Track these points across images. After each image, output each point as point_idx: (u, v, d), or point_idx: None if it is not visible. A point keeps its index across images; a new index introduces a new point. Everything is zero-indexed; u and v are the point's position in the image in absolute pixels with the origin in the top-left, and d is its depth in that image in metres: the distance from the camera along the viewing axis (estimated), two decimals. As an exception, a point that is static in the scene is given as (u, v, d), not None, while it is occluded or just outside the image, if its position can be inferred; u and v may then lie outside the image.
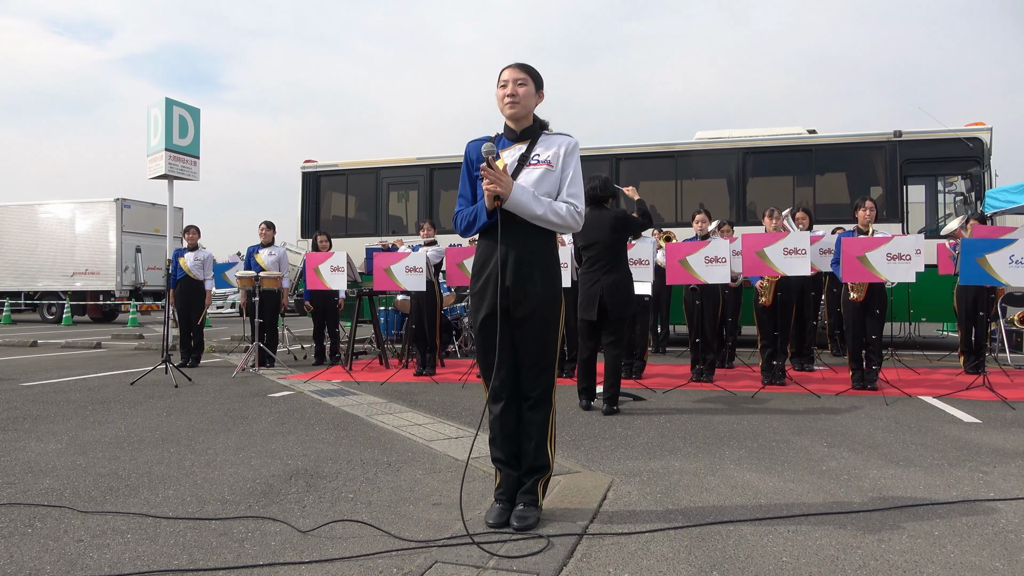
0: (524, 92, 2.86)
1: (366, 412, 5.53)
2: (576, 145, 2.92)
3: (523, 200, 2.73)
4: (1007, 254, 5.99)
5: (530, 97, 2.89)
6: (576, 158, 2.91)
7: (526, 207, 2.73)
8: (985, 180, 10.12)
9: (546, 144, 2.91)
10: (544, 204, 2.77)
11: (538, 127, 2.96)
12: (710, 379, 6.94)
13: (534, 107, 2.94)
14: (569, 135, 2.95)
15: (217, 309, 25.81)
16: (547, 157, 2.87)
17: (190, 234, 9.09)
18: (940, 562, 2.46)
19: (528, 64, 2.92)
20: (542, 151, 2.89)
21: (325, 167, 13.57)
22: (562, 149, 2.89)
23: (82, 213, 19.53)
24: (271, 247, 9.12)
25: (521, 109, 2.87)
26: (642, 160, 12.17)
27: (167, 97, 10.92)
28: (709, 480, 3.54)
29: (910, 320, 10.59)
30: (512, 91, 2.85)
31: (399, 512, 3.06)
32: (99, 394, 6.59)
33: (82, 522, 2.95)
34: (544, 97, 2.98)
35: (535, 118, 2.98)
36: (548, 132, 2.97)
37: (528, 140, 2.92)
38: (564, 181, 2.87)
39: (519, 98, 2.85)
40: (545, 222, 2.78)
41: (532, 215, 2.75)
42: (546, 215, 2.76)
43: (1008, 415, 5.25)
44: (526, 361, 2.87)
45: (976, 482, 3.47)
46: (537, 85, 2.92)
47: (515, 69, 2.89)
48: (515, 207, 2.73)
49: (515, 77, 2.87)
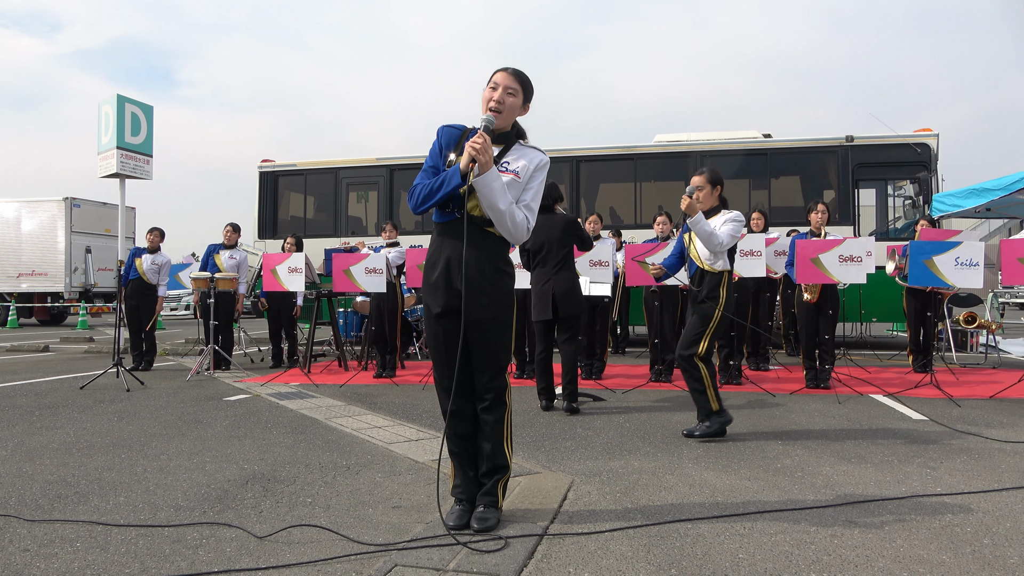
0: (511, 103, 2.80)
1: (325, 415, 5.47)
2: (546, 164, 2.88)
3: (495, 186, 2.67)
4: (953, 257, 6.18)
5: (515, 109, 2.84)
6: (543, 177, 2.87)
7: (495, 193, 2.67)
8: (932, 184, 10.44)
9: (518, 154, 2.87)
10: (509, 201, 2.72)
11: (515, 135, 2.92)
12: (669, 379, 7.02)
13: (516, 117, 2.90)
14: (542, 152, 2.91)
15: (170, 311, 25.25)
16: (516, 168, 2.83)
17: (152, 236, 8.85)
18: (890, 556, 2.53)
19: (524, 74, 2.86)
20: (512, 160, 2.85)
21: (283, 167, 13.37)
22: (532, 164, 2.85)
23: (28, 212, 18.92)
24: (233, 250, 8.95)
25: (505, 119, 2.82)
26: (602, 162, 12.27)
27: (119, 94, 10.64)
28: (668, 479, 3.58)
29: (861, 320, 10.87)
30: (500, 98, 2.78)
31: (358, 516, 3.03)
32: (47, 399, 6.39)
33: (28, 531, 2.86)
34: (529, 111, 2.93)
35: (514, 124, 2.93)
36: (523, 143, 2.93)
37: (502, 145, 2.88)
38: (525, 193, 2.83)
39: (504, 107, 2.78)
40: (500, 219, 2.72)
41: (495, 205, 2.69)
42: (506, 212, 2.71)
43: (954, 412, 5.42)
44: (479, 363, 2.85)
45: (924, 478, 3.58)
46: (526, 98, 2.87)
47: (510, 76, 2.82)
48: (485, 186, 2.66)
49: (507, 84, 2.80)
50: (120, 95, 10.68)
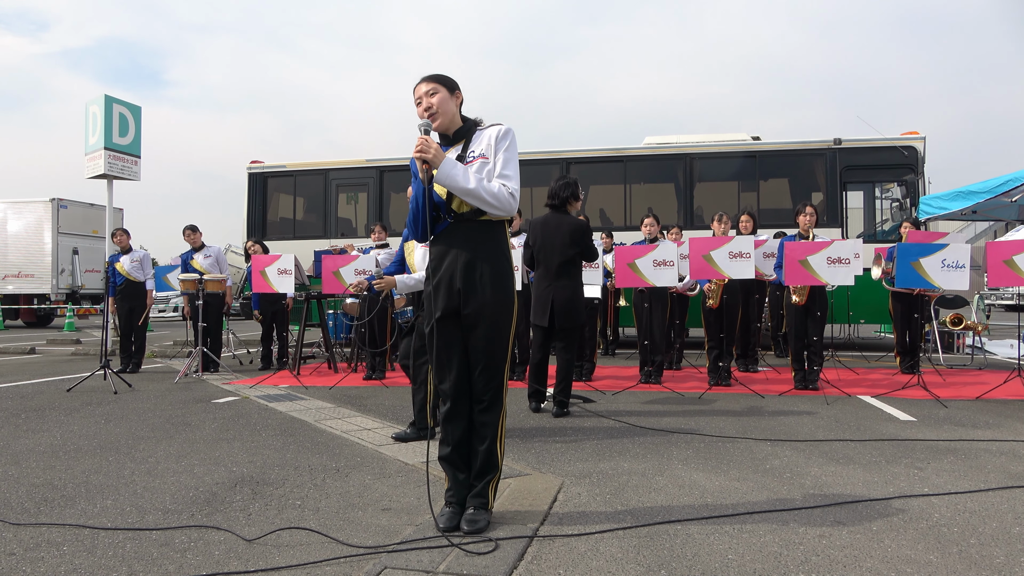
0: (438, 99, 2.84)
1: (314, 417, 5.45)
2: (507, 131, 2.88)
3: (453, 173, 2.69)
4: (940, 258, 6.23)
5: (446, 102, 2.86)
6: (508, 142, 2.86)
7: (456, 178, 2.69)
8: (919, 187, 10.52)
9: (479, 139, 2.91)
10: (475, 179, 2.72)
11: (471, 126, 2.95)
12: (658, 381, 7.03)
13: (456, 109, 2.93)
14: (500, 123, 2.92)
15: (159, 313, 25.10)
16: (480, 151, 2.86)
17: (119, 237, 8.81)
18: (878, 556, 2.55)
19: (435, 73, 2.92)
20: (476, 147, 2.88)
21: (272, 168, 13.33)
22: (493, 138, 2.87)
23: (14, 213, 18.78)
24: (204, 249, 8.91)
25: (442, 117, 2.86)
26: (592, 164, 12.29)
27: (106, 94, 10.61)
28: (657, 480, 3.59)
29: (849, 322, 10.94)
30: (426, 104, 2.84)
31: (347, 518, 3.02)
32: (33, 401, 6.34)
33: (14, 535, 2.83)
34: (462, 97, 2.96)
35: (464, 119, 2.97)
36: (481, 128, 2.95)
37: (462, 140, 2.92)
38: (497, 165, 2.83)
39: (435, 107, 2.84)
40: (478, 199, 2.73)
41: (463, 187, 2.69)
42: (478, 191, 2.71)
43: (941, 413, 5.46)
44: (478, 364, 2.86)
45: (912, 478, 3.60)
46: (450, 88, 2.89)
47: (423, 82, 2.88)
48: (445, 176, 2.68)
49: (425, 89, 2.86)
50: (108, 95, 10.65)
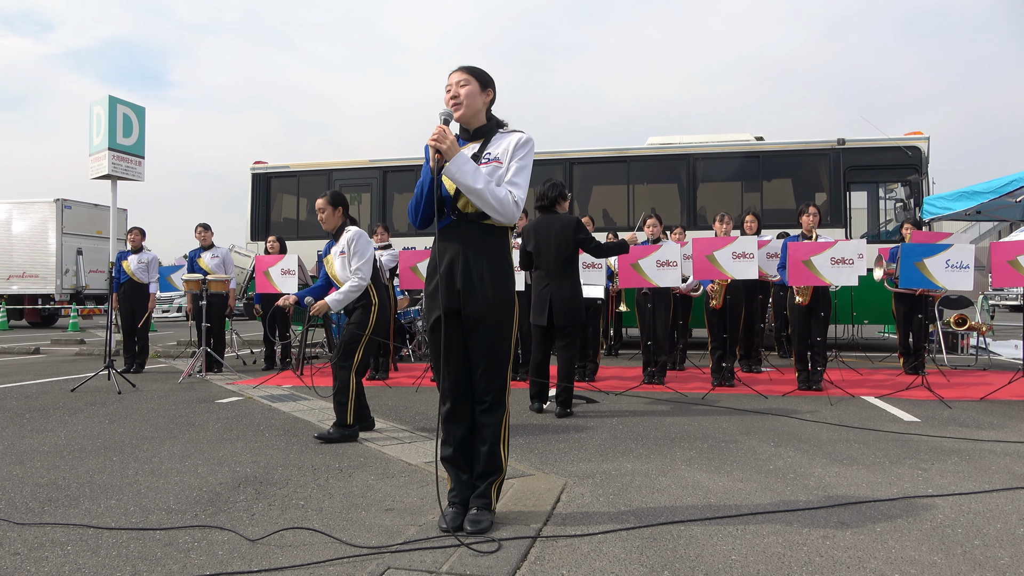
0: (467, 91, 2.83)
1: (318, 417, 5.45)
2: (527, 140, 2.87)
3: (464, 169, 2.67)
4: (944, 259, 6.21)
5: (475, 96, 2.85)
6: (525, 152, 2.85)
7: (466, 175, 2.67)
8: (923, 187, 10.50)
9: (498, 142, 2.88)
10: (484, 180, 2.70)
11: (494, 126, 2.93)
12: (662, 381, 7.03)
13: (482, 106, 2.90)
14: (522, 131, 2.91)
15: (163, 313, 25.14)
16: (497, 154, 2.84)
17: (133, 235, 8.81)
18: (882, 557, 2.54)
19: (472, 65, 2.90)
20: (493, 149, 2.86)
21: (276, 168, 13.35)
22: (511, 144, 2.85)
23: (19, 214, 18.83)
24: (212, 249, 8.94)
25: (466, 109, 2.84)
26: (595, 164, 12.29)
27: (110, 95, 10.61)
28: (660, 481, 3.58)
29: (853, 322, 10.92)
30: (454, 93, 2.83)
31: (351, 518, 3.02)
32: (37, 401, 6.36)
33: (19, 534, 2.84)
34: (493, 95, 2.94)
35: (490, 117, 2.95)
36: (504, 131, 2.93)
37: (482, 139, 2.90)
38: (509, 171, 2.81)
39: (461, 98, 2.82)
40: (483, 201, 2.70)
41: (471, 186, 2.67)
42: (484, 193, 2.68)
43: (945, 414, 5.44)
44: (479, 365, 2.86)
45: (915, 479, 3.59)
46: (482, 84, 2.88)
47: (458, 72, 2.87)
48: (456, 170, 2.66)
49: (457, 79, 2.85)
50: (112, 96, 10.65)
